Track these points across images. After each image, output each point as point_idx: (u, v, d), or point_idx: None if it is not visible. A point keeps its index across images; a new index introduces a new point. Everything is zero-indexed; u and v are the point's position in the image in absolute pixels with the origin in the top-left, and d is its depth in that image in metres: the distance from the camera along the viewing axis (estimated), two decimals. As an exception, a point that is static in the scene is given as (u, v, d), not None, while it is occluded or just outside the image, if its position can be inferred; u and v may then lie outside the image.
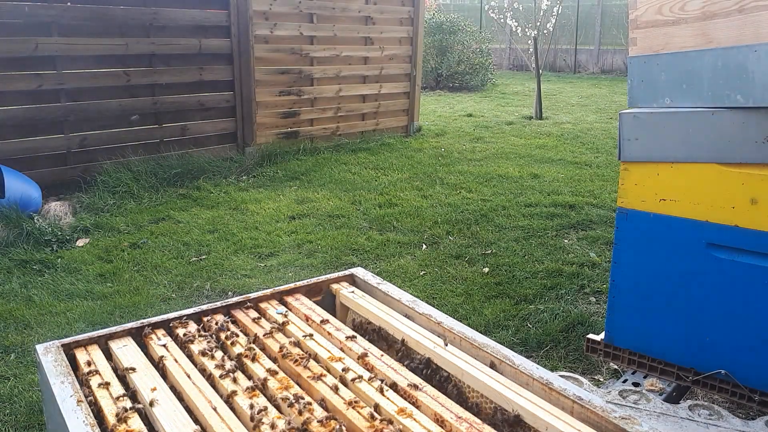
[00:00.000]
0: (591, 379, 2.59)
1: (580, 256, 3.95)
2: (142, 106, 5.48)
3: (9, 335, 2.94)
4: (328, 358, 1.24)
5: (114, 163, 5.26)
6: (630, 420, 1.03)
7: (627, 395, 2.12)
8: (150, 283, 3.53)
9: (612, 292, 2.39)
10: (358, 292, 1.54)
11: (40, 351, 1.24)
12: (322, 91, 6.92)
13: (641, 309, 2.29)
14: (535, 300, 3.35)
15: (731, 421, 1.95)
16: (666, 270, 2.18)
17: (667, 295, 2.19)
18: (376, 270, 3.71)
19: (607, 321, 2.46)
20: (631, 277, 2.29)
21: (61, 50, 4.90)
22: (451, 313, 3.12)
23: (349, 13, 7.01)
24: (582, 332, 2.94)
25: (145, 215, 4.64)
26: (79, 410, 1.05)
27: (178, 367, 1.21)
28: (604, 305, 3.11)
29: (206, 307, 1.45)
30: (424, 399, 1.12)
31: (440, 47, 12.90)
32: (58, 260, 3.80)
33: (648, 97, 2.13)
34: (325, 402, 1.11)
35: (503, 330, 3.03)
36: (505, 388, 1.12)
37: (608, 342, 2.45)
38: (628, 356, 2.40)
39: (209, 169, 5.64)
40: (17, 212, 4.16)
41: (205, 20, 5.76)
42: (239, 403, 1.10)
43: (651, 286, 2.24)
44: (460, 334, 1.31)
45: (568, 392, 1.10)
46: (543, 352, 2.84)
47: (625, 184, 2.21)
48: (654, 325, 2.28)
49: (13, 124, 4.78)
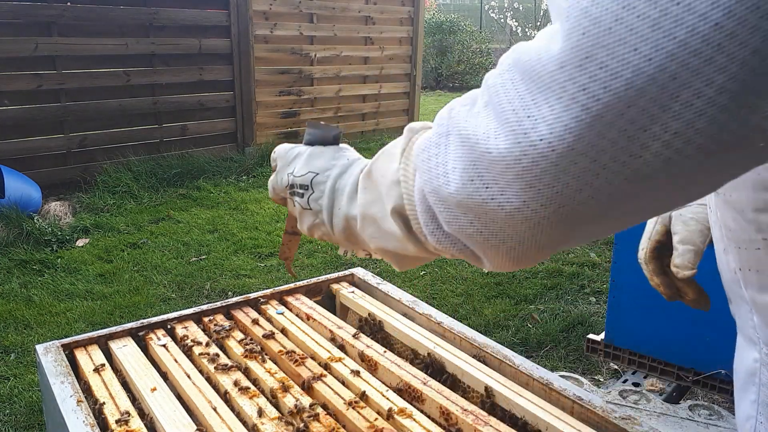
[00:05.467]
0: (591, 379, 2.59)
1: (580, 256, 3.95)
2: (142, 106, 5.48)
3: (9, 335, 2.94)
4: (328, 359, 1.24)
5: (114, 163, 5.26)
6: (630, 420, 1.03)
7: (627, 395, 2.12)
8: (150, 283, 3.53)
9: (612, 292, 2.39)
10: (358, 292, 1.54)
11: (40, 351, 1.24)
12: (322, 91, 6.91)
13: (641, 309, 2.29)
14: (535, 300, 3.35)
15: (731, 421, 1.95)
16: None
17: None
18: (376, 270, 3.71)
19: (608, 321, 2.46)
20: (631, 277, 2.29)
21: (61, 50, 4.90)
22: (451, 313, 3.12)
23: (349, 13, 7.01)
24: (582, 332, 2.94)
25: (144, 215, 4.64)
26: (79, 410, 1.05)
27: (177, 367, 1.21)
28: (604, 305, 3.11)
29: (206, 308, 1.44)
30: (429, 393, 1.12)
31: (440, 47, 12.90)
32: (57, 260, 3.80)
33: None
34: (326, 402, 1.11)
35: (503, 330, 3.03)
36: (505, 388, 1.12)
37: (608, 342, 2.45)
38: (628, 356, 2.40)
39: (209, 169, 5.64)
40: (17, 212, 4.16)
41: (205, 20, 5.76)
42: (239, 403, 1.09)
43: (651, 287, 2.24)
44: (460, 334, 1.30)
45: (568, 392, 1.10)
46: (543, 352, 2.84)
47: (626, 184, 2.21)
48: (654, 325, 2.27)
49: (13, 124, 4.78)
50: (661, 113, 0.40)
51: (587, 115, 0.42)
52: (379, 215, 0.69)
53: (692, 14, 0.37)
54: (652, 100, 0.40)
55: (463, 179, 0.51)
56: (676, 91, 0.39)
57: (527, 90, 0.45)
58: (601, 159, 0.43)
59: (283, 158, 0.93)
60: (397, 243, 0.67)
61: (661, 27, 0.38)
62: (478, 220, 0.52)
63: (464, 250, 0.58)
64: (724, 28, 0.37)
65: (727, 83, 0.38)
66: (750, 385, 0.74)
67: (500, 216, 0.50)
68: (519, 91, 0.46)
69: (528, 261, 0.54)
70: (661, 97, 0.40)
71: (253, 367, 1.22)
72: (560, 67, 0.42)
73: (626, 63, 0.40)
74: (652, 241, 0.99)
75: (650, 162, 0.42)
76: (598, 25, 0.40)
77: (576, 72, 0.42)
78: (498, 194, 0.48)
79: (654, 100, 0.40)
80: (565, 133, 0.43)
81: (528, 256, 0.53)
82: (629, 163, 0.42)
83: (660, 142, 0.41)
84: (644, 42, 0.39)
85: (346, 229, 0.79)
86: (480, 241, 0.54)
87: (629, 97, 0.40)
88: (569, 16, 0.42)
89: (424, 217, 0.59)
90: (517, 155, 0.45)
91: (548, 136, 0.43)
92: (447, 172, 0.53)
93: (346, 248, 0.87)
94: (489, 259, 0.56)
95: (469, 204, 0.51)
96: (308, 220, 0.86)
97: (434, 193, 0.55)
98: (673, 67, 0.39)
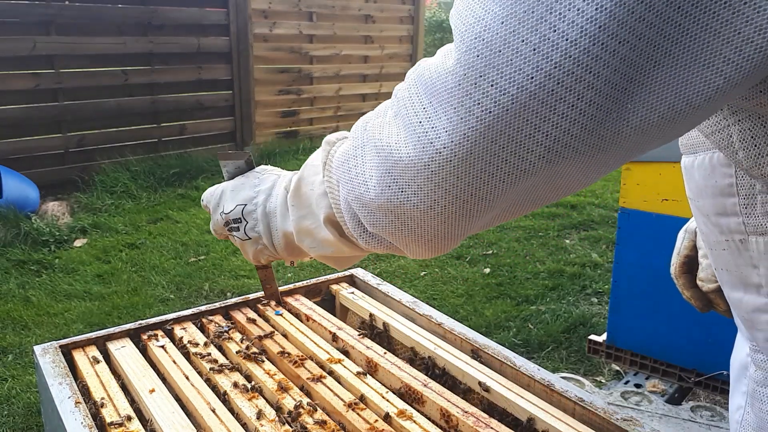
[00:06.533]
0: (593, 380, 2.58)
1: (581, 257, 3.94)
2: (141, 106, 5.46)
3: (7, 336, 2.93)
4: (328, 360, 1.23)
5: (112, 163, 5.24)
6: (632, 422, 1.02)
7: (629, 397, 2.12)
8: (148, 283, 3.52)
9: (614, 293, 2.38)
10: (358, 292, 1.53)
11: (38, 352, 1.23)
12: (322, 90, 6.90)
13: (643, 310, 2.28)
14: (536, 301, 3.34)
15: (733, 422, 1.94)
16: (668, 271, 2.17)
17: (670, 296, 2.18)
18: (376, 271, 3.70)
19: (609, 322, 2.45)
20: (633, 278, 2.28)
21: (59, 49, 4.88)
22: (452, 314, 3.11)
23: (349, 12, 7.00)
24: (584, 333, 2.93)
25: (143, 215, 4.62)
26: (77, 411, 1.04)
27: (176, 368, 1.20)
28: (606, 306, 3.10)
29: (205, 308, 1.43)
30: (430, 395, 1.11)
31: (441, 46, 12.82)
32: (55, 260, 3.79)
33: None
34: (325, 403, 1.10)
35: (504, 331, 3.02)
36: (506, 390, 1.11)
37: (610, 343, 2.44)
38: (630, 357, 2.39)
39: (208, 168, 5.62)
40: (15, 212, 4.14)
41: (203, 19, 5.75)
42: (238, 404, 1.08)
43: (653, 287, 2.23)
44: (461, 336, 1.29)
45: (569, 394, 1.09)
46: (544, 353, 2.83)
47: (627, 184, 2.20)
48: (656, 326, 2.26)
49: (11, 124, 4.76)
50: (542, 123, 0.48)
51: (481, 126, 0.49)
52: (313, 227, 0.78)
53: (565, 41, 0.44)
54: (534, 112, 0.47)
55: (381, 186, 0.59)
56: (554, 105, 0.47)
57: (430, 103, 0.53)
58: (494, 161, 0.51)
59: (212, 200, 1.01)
60: (333, 248, 0.76)
61: (540, 51, 0.46)
62: (397, 219, 0.60)
63: (390, 246, 0.67)
64: (590, 52, 0.44)
65: (594, 97, 0.46)
66: (742, 377, 0.79)
67: (416, 214, 0.58)
68: (423, 104, 0.54)
69: (444, 249, 0.63)
70: (542, 110, 0.47)
71: (252, 369, 1.21)
72: (458, 84, 0.50)
73: (512, 81, 0.47)
74: (681, 256, 1.04)
75: (535, 162, 0.50)
76: (489, 48, 0.48)
77: (471, 89, 0.49)
78: (413, 195, 0.57)
79: (536, 112, 0.47)
80: (464, 141, 0.51)
81: (443, 245, 0.62)
82: (518, 164, 0.50)
83: (542, 146, 0.49)
84: (527, 64, 0.46)
85: (287, 245, 0.88)
86: (401, 237, 0.63)
87: (515, 110, 0.48)
88: (464, 39, 0.49)
89: (351, 223, 0.68)
90: (426, 161, 0.54)
91: (450, 144, 0.51)
92: (366, 181, 0.62)
93: (292, 259, 0.94)
94: (410, 250, 0.65)
95: (388, 207, 0.60)
96: (251, 248, 0.94)
97: (357, 200, 0.64)
98: (551, 84, 0.46)
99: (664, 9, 0.43)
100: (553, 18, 0.45)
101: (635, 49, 0.44)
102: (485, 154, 0.51)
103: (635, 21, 0.43)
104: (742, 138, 0.59)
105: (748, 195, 0.64)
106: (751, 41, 0.43)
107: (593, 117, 0.47)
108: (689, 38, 0.44)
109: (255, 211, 0.92)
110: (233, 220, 0.94)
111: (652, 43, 0.44)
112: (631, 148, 0.50)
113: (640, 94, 0.46)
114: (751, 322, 0.71)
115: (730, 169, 0.65)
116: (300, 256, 0.92)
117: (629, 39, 0.44)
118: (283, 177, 0.92)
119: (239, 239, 0.95)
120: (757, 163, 0.59)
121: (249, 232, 0.92)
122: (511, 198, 0.54)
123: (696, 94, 0.46)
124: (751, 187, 0.64)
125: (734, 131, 0.60)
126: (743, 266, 0.68)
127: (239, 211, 0.93)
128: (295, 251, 0.89)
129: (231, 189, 0.98)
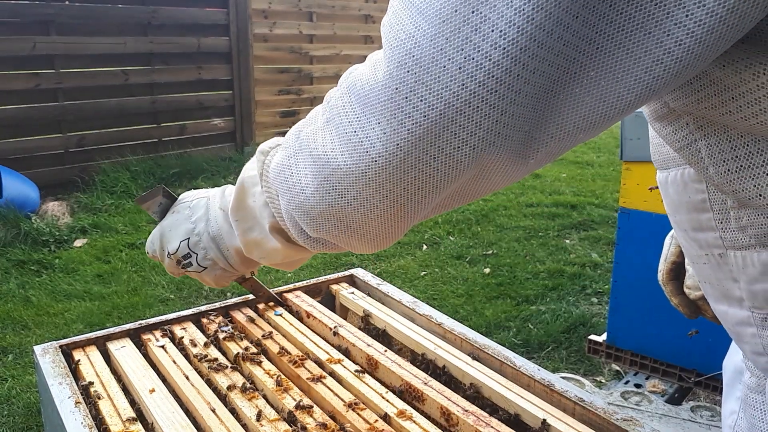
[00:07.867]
0: (593, 380, 2.58)
1: (581, 257, 3.94)
2: (141, 105, 5.46)
3: (7, 336, 2.93)
4: (328, 359, 1.23)
5: (112, 163, 5.24)
6: (632, 422, 1.02)
7: (629, 397, 2.12)
8: (148, 283, 3.52)
9: (614, 293, 2.38)
10: (358, 293, 1.53)
11: (38, 352, 1.22)
12: (322, 90, 6.90)
13: (643, 310, 2.28)
14: (536, 301, 3.34)
15: (734, 422, 1.94)
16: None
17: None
18: (376, 271, 3.70)
19: (609, 322, 2.45)
20: (633, 278, 2.28)
21: (59, 49, 4.88)
22: (452, 314, 3.11)
23: (349, 12, 7.00)
24: (584, 333, 2.92)
25: (143, 215, 4.62)
26: (77, 411, 1.04)
27: (176, 368, 1.20)
28: (606, 306, 3.10)
29: (205, 308, 1.43)
30: (430, 393, 1.11)
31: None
32: (55, 261, 3.79)
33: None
34: (325, 403, 1.10)
35: (504, 331, 3.02)
36: (506, 390, 1.11)
37: (610, 343, 2.44)
38: (630, 357, 2.39)
39: (208, 168, 5.63)
40: (15, 212, 4.14)
41: (203, 19, 5.75)
42: (238, 404, 1.08)
43: (653, 287, 2.23)
44: (461, 336, 1.29)
45: (569, 394, 1.09)
46: (544, 353, 2.83)
47: (627, 184, 2.20)
48: (656, 326, 2.26)
49: (11, 124, 4.76)
50: (468, 136, 0.52)
51: (412, 137, 0.53)
52: (260, 237, 0.81)
53: (488, 61, 0.48)
54: (461, 125, 0.52)
55: (321, 192, 0.63)
56: (478, 120, 0.51)
57: (363, 113, 0.56)
58: (425, 168, 0.55)
59: (155, 247, 1.01)
60: (282, 255, 0.81)
61: (465, 70, 0.49)
62: (340, 222, 0.64)
63: (333, 247, 0.72)
64: (512, 71, 0.48)
65: (516, 110, 0.50)
66: (737, 382, 0.80)
67: (358, 217, 0.62)
68: (356, 113, 0.57)
69: (386, 244, 0.68)
70: (467, 124, 0.51)
71: (252, 369, 1.21)
72: (390, 98, 0.54)
73: (440, 98, 0.51)
74: (667, 263, 1.03)
75: (460, 166, 0.54)
76: (419, 65, 0.51)
77: (403, 102, 0.53)
78: (353, 200, 0.61)
79: (462, 125, 0.51)
80: (397, 151, 0.55)
81: (386, 242, 0.66)
82: (445, 169, 0.55)
83: (469, 156, 0.53)
84: (453, 81, 0.50)
85: (242, 260, 0.92)
86: (344, 238, 0.67)
87: (443, 123, 0.52)
88: (394, 53, 0.53)
89: (294, 230, 0.73)
90: (363, 169, 0.57)
91: (384, 153, 0.55)
92: (303, 189, 0.65)
93: (250, 270, 1.00)
94: (353, 249, 0.69)
95: (330, 212, 0.63)
96: (209, 276, 0.96)
97: (298, 209, 0.67)
98: (475, 102, 0.50)
99: (580, 28, 0.47)
100: (478, 39, 0.48)
101: (554, 65, 0.48)
102: (418, 162, 0.55)
103: (554, 41, 0.47)
104: (711, 153, 0.59)
105: (721, 210, 0.64)
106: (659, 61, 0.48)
107: (516, 127, 0.51)
108: (603, 55, 0.48)
109: (200, 241, 0.93)
110: (183, 257, 0.95)
111: (570, 59, 0.48)
112: (551, 152, 0.55)
113: (558, 106, 0.51)
114: (737, 335, 0.70)
115: (701, 185, 0.65)
116: (255, 266, 0.96)
117: (548, 58, 0.48)
118: (213, 197, 0.93)
119: (195, 272, 0.96)
120: (727, 179, 0.59)
121: (202, 262, 0.94)
122: (442, 196, 0.59)
123: (609, 107, 0.51)
124: (723, 202, 0.63)
125: (702, 146, 0.60)
126: (724, 280, 0.68)
127: (185, 246, 0.94)
128: (251, 263, 0.93)
129: (168, 229, 0.97)
